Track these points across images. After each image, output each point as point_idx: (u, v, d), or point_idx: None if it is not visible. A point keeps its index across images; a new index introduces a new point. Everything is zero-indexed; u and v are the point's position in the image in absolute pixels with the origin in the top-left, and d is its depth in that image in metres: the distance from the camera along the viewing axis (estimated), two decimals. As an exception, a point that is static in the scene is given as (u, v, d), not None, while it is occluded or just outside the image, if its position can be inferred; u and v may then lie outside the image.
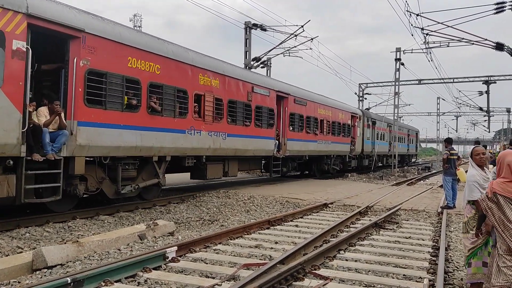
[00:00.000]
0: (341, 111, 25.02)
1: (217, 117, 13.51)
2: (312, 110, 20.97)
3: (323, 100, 22.90)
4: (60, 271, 5.68)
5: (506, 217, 4.16)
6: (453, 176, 12.43)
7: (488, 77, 38.27)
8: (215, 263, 6.20)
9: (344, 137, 25.30)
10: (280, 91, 17.80)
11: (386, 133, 35.24)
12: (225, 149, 13.98)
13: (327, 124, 22.64)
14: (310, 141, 20.51)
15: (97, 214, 9.94)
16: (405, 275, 5.85)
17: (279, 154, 17.53)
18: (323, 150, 22.28)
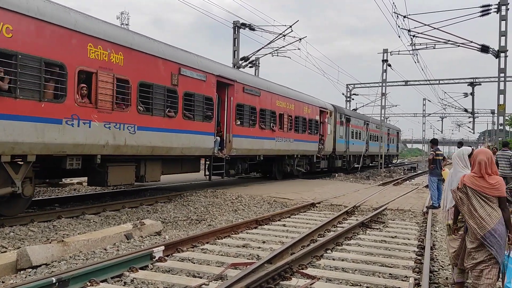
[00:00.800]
0: (306, 105, 22.05)
1: (120, 104, 10.33)
2: (268, 102, 18.04)
3: (283, 91, 19.91)
4: (45, 271, 5.61)
5: (473, 206, 4.73)
6: (438, 176, 12.55)
7: (473, 79, 38.77)
8: (203, 262, 6.18)
9: (311, 134, 22.42)
10: (222, 76, 14.58)
11: (362, 132, 32.87)
12: (135, 146, 10.73)
13: (289, 119, 19.81)
14: (266, 139, 17.68)
15: (83, 214, 9.84)
16: (391, 274, 5.90)
17: (221, 154, 14.77)
18: (284, 149, 19.54)
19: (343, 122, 27.83)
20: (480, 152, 4.90)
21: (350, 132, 29.38)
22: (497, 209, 4.68)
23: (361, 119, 32.78)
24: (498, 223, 4.61)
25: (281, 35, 24.27)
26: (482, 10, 21.97)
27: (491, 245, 4.59)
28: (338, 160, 27.22)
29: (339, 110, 27.85)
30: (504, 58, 21.95)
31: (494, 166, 4.82)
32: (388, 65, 31.19)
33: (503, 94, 21.98)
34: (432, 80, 39.79)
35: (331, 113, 25.61)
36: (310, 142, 22.40)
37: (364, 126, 33.12)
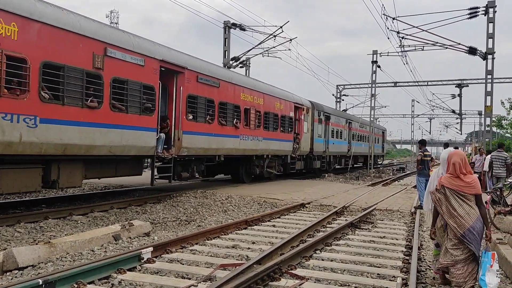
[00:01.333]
0: (279, 100, 19.92)
1: (13, 89, 8.14)
2: (230, 95, 15.86)
3: (250, 83, 17.78)
4: (32, 272, 5.55)
5: (452, 206, 5.04)
6: (426, 177, 12.60)
7: (460, 81, 39.17)
8: (192, 263, 6.16)
9: (284, 133, 20.34)
10: (166, 61, 12.19)
11: (344, 131, 30.79)
12: (37, 144, 8.54)
13: (257, 115, 17.73)
14: (227, 136, 15.58)
15: (70, 215, 9.75)
16: (379, 274, 5.93)
17: (167, 154, 12.58)
18: (251, 149, 17.39)
19: (321, 120, 25.70)
20: (454, 154, 5.24)
21: (330, 131, 27.34)
22: (474, 207, 4.99)
23: (342, 117, 30.94)
24: (476, 220, 4.95)
25: (271, 35, 24.30)
26: (470, 12, 22.20)
27: (470, 242, 4.90)
28: (317, 161, 25.27)
29: (317, 107, 25.50)
30: (491, 60, 22.20)
31: (468, 166, 5.16)
32: (377, 66, 31.40)
33: (490, 95, 22.23)
34: (420, 81, 40.16)
35: (308, 109, 23.56)
36: (283, 141, 20.35)
37: (346, 124, 31.30)
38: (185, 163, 14.16)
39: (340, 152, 30.24)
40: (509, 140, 45.10)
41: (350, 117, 33.34)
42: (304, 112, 22.86)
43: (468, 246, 4.93)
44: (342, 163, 31.75)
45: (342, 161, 31.68)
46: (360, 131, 35.47)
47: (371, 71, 31.50)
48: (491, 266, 4.85)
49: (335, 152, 28.90)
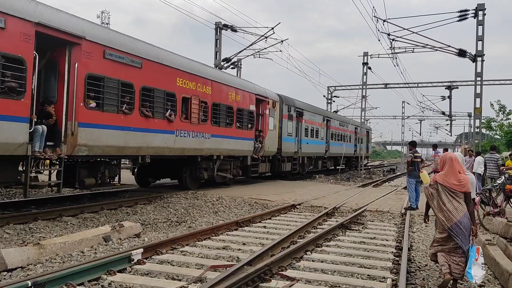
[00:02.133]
0: (234, 90, 16.69)
1: None
2: (161, 79, 12.43)
3: (191, 66, 14.14)
4: (21, 274, 5.51)
5: (442, 201, 5.50)
6: (416, 178, 12.73)
7: (450, 83, 39.49)
8: (182, 265, 6.15)
9: (242, 129, 17.17)
10: (47, 25, 9.04)
11: (321, 129, 27.61)
12: None
13: (201, 107, 14.40)
14: (155, 132, 12.19)
15: (60, 216, 9.67)
16: (369, 275, 5.96)
17: (51, 154, 9.39)
18: (193, 148, 14.13)
19: (292, 116, 22.81)
20: (446, 155, 5.87)
21: (303, 129, 24.38)
22: (463, 203, 5.43)
23: (319, 114, 27.65)
24: (463, 216, 5.36)
25: (263, 36, 24.33)
26: (460, 15, 22.40)
27: (457, 235, 5.33)
28: (286, 163, 22.39)
29: (287, 101, 22.48)
30: (480, 63, 22.42)
31: (462, 166, 5.68)
32: (368, 68, 31.54)
33: (480, 97, 22.45)
34: (411, 83, 40.46)
35: (275, 103, 20.49)
36: (241, 140, 17.08)
37: (323, 122, 28.13)
38: (91, 166, 11.25)
39: (316, 153, 27.20)
40: (498, 142, 45.59)
41: (328, 114, 30.12)
42: (269, 106, 19.73)
43: (454, 239, 5.35)
44: (319, 165, 28.46)
45: (319, 163, 28.48)
46: (341, 130, 32.80)
47: (362, 72, 31.63)
48: (476, 259, 5.23)
49: (310, 153, 25.93)
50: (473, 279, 5.21)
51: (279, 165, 21.68)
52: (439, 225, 5.59)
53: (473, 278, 5.20)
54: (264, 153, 19.35)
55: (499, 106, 42.40)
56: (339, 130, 32.45)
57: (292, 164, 23.22)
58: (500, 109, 42.47)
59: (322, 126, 28.10)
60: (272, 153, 20.43)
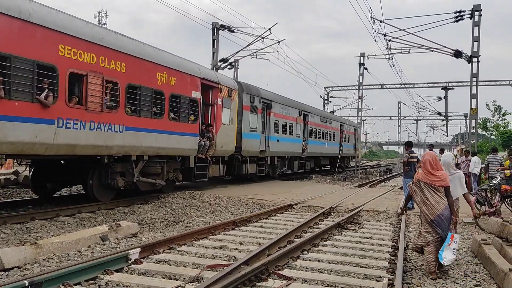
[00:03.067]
0: (166, 70, 12.80)
1: None
2: (29, 45, 8.74)
3: (86, 31, 10.18)
4: (18, 273, 5.51)
5: (425, 196, 6.21)
6: (412, 178, 12.74)
7: (446, 83, 39.64)
8: (179, 264, 6.16)
9: (179, 121, 13.38)
10: None
11: (296, 125, 24.16)
12: None
13: (108, 89, 10.76)
14: (13, 120, 8.41)
15: (57, 215, 9.67)
16: (366, 274, 5.99)
17: None
18: (91, 145, 10.27)
19: (257, 108, 19.15)
20: (426, 154, 6.56)
21: (273, 123, 20.97)
22: (443, 197, 6.12)
23: (293, 108, 23.95)
24: (444, 208, 6.07)
25: (260, 37, 24.35)
26: (456, 16, 22.49)
27: (438, 226, 6.05)
28: (250, 163, 18.84)
29: (249, 89, 18.61)
30: (476, 63, 22.51)
31: (438, 164, 6.32)
32: (364, 68, 31.62)
33: (475, 98, 22.55)
34: (407, 84, 40.56)
35: (231, 92, 16.68)
36: (178, 135, 13.28)
37: (299, 117, 24.63)
38: None
39: (291, 152, 23.59)
40: (494, 142, 45.79)
41: (305, 108, 26.15)
42: (223, 94, 15.94)
43: (436, 230, 6.07)
44: (294, 166, 24.68)
45: (295, 163, 24.67)
46: (322, 127, 29.15)
47: (359, 73, 31.72)
48: (449, 244, 5.96)
49: (282, 152, 22.30)
50: (442, 260, 5.94)
51: (240, 166, 18.00)
52: (423, 218, 6.30)
53: (443, 260, 5.94)
54: (216, 152, 15.54)
55: (495, 107, 42.67)
56: (320, 126, 28.69)
57: (257, 166, 19.57)
58: (496, 110, 42.73)
59: (298, 121, 24.46)
60: (228, 152, 16.76)
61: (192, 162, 14.46)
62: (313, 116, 27.32)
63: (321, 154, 29.13)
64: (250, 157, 18.91)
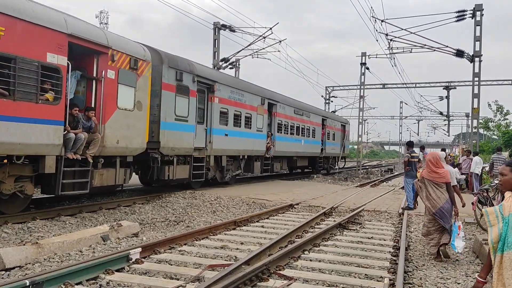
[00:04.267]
0: None
1: None
2: None
3: None
4: (19, 273, 5.52)
5: (428, 191, 7.10)
6: (413, 178, 12.76)
7: (448, 83, 39.55)
8: (180, 264, 6.16)
9: (15, 99, 8.13)
10: None
11: (258, 116, 19.03)
12: None
13: None
14: None
15: (59, 215, 9.68)
16: (367, 274, 5.99)
17: None
18: None
19: (188, 89, 14.07)
20: (429, 154, 7.47)
21: (218, 112, 15.89)
22: (444, 192, 7.00)
23: (252, 94, 18.47)
24: (445, 202, 6.94)
25: (261, 37, 24.35)
26: (457, 15, 22.45)
27: (440, 218, 6.93)
28: (178, 165, 13.78)
29: (174, 62, 13.53)
30: (478, 63, 22.47)
31: (439, 162, 7.16)
32: (366, 68, 31.60)
33: (477, 98, 22.51)
34: (408, 83, 40.48)
35: (138, 63, 11.46)
36: (16, 121, 8.16)
37: (261, 106, 19.31)
38: None
39: (248, 150, 18.35)
40: (496, 142, 45.72)
41: (272, 96, 20.65)
42: (120, 65, 10.82)
43: (438, 221, 6.94)
44: (255, 168, 19.27)
45: (256, 165, 19.32)
46: (297, 120, 23.81)
47: (360, 73, 31.69)
48: (458, 234, 6.77)
49: (232, 150, 17.08)
50: (456, 249, 6.77)
51: (161, 169, 13.00)
52: (427, 210, 7.17)
53: (456, 248, 6.76)
54: (105, 150, 10.56)
55: (497, 107, 42.64)
56: (293, 120, 23.22)
57: (191, 167, 14.36)
58: (498, 110, 42.69)
59: (260, 111, 19.19)
60: (133, 150, 11.55)
61: (51, 165, 9.11)
62: (282, 107, 21.69)
63: (296, 153, 23.87)
64: (178, 156, 13.88)
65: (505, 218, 2.96)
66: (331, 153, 30.76)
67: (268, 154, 20.17)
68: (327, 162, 30.63)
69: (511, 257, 2.88)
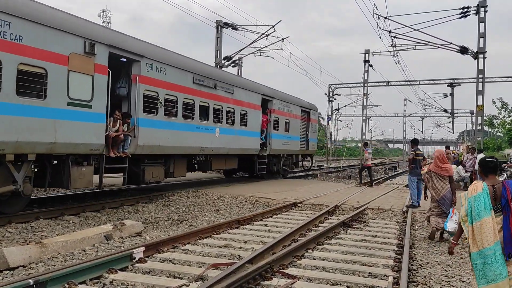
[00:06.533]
0: None
1: None
2: None
3: None
4: (22, 272, 5.53)
5: (433, 182, 8.61)
6: (418, 176, 12.73)
7: (452, 80, 39.40)
8: (183, 263, 6.15)
9: None
10: None
11: (85, 79, 9.64)
12: None
13: None
14: None
15: (62, 214, 9.69)
16: (371, 273, 5.96)
17: None
18: None
19: None
20: (436, 151, 9.12)
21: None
22: (447, 184, 8.53)
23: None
24: (447, 192, 8.47)
25: (264, 35, 24.32)
26: (461, 12, 22.34)
27: (443, 204, 8.44)
28: None
29: None
30: (482, 60, 22.36)
31: (445, 158, 8.75)
32: (369, 65, 31.52)
33: (482, 95, 22.41)
34: (412, 80, 40.39)
35: None
36: None
37: (85, 57, 9.58)
38: None
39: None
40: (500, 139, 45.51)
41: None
42: None
43: (441, 207, 8.45)
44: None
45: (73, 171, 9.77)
46: (207, 97, 14.69)
47: (363, 70, 31.62)
48: (452, 217, 7.91)
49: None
50: (447, 228, 7.90)
51: None
52: (432, 198, 8.65)
53: (447, 227, 7.89)
54: None
55: (501, 104, 42.45)
56: (190, 94, 13.74)
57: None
58: (502, 107, 42.50)
59: (86, 70, 9.74)
60: None
61: None
62: (158, 68, 12.16)
63: (197, 149, 14.18)
64: None
65: (468, 199, 4.17)
66: (283, 150, 21.22)
67: (124, 150, 11.19)
68: (278, 162, 21.19)
69: (477, 226, 4.04)
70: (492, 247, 3.96)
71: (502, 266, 3.95)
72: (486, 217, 4.00)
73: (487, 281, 3.99)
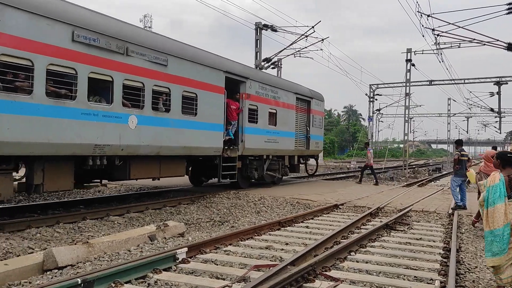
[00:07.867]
0: None
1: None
2: None
3: None
4: (71, 271, 5.70)
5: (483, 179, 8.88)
6: (463, 177, 12.39)
7: (499, 78, 37.85)
8: (226, 264, 6.19)
9: None
10: None
11: None
12: None
13: None
14: None
15: (107, 215, 9.98)
16: (416, 276, 5.79)
17: None
18: None
19: None
20: (486, 152, 10.23)
21: None
22: None
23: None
24: None
25: (303, 35, 24.16)
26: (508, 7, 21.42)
27: None
28: None
29: None
30: (532, 56, 21.38)
31: (490, 160, 9.47)
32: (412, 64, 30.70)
33: (532, 92, 21.40)
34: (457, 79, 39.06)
35: None
36: None
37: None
38: None
39: None
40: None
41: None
42: None
43: None
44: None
45: None
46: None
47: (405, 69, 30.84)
48: None
49: None
50: None
51: None
52: None
53: None
54: None
55: (553, 101, 40.33)
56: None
57: None
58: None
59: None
60: None
61: None
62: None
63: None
64: None
65: (487, 188, 5.15)
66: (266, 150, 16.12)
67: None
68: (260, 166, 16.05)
69: (491, 211, 5.05)
70: (501, 228, 4.93)
71: (507, 244, 4.92)
72: (499, 204, 4.98)
73: (492, 254, 5.01)
